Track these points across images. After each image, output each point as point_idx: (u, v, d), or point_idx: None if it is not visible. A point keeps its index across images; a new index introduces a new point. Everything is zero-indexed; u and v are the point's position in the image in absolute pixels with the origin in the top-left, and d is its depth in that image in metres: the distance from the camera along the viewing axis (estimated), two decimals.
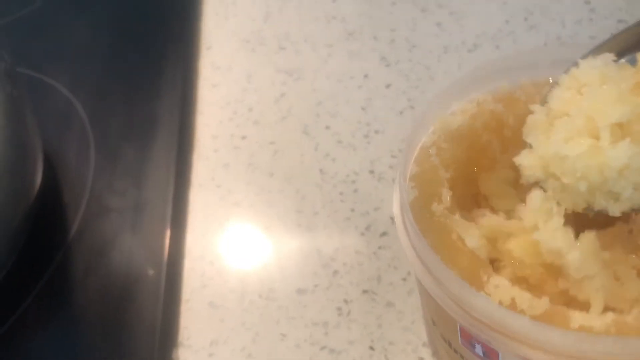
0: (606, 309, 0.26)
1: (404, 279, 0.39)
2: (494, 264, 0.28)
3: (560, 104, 0.27)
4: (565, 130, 0.26)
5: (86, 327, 0.41)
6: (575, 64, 0.27)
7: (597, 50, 0.28)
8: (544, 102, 0.28)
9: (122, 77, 0.51)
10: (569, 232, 0.26)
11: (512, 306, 0.24)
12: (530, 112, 0.28)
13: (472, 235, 0.27)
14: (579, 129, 0.26)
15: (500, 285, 0.25)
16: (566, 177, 0.26)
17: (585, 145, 0.25)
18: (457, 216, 0.27)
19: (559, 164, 0.26)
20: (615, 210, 0.26)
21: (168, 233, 0.43)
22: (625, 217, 0.30)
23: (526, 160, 0.27)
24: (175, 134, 0.48)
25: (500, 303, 0.24)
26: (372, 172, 0.44)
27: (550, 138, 0.27)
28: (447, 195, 0.28)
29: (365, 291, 0.39)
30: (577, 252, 0.26)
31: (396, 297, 0.39)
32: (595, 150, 0.25)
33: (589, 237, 0.26)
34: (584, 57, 0.27)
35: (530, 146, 0.28)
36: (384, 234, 0.41)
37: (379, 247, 0.41)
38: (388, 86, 0.49)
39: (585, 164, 0.25)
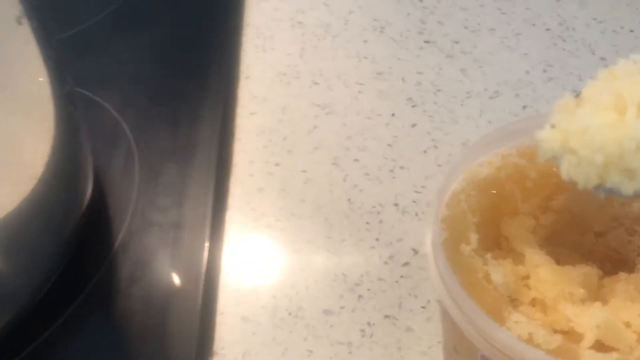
0: (607, 347, 0.29)
1: (424, 307, 0.43)
2: (513, 302, 0.31)
3: (591, 91, 0.28)
4: (592, 105, 0.26)
5: (127, 333, 0.44)
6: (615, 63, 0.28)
7: None
8: (577, 95, 0.29)
9: (167, 102, 0.55)
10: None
11: (529, 340, 0.28)
12: (550, 167, 0.32)
13: (497, 272, 0.31)
14: (606, 104, 0.26)
15: (520, 322, 0.29)
16: (584, 149, 0.26)
17: (610, 117, 0.26)
18: (485, 257, 0.31)
19: (580, 136, 0.26)
20: (628, 189, 0.26)
21: (206, 250, 0.46)
22: (631, 265, 0.34)
23: (546, 134, 0.28)
24: (214, 158, 0.51)
25: (519, 337, 0.28)
26: (396, 205, 0.48)
27: (575, 115, 0.27)
28: (474, 237, 0.32)
29: (387, 316, 0.43)
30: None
31: (415, 323, 0.42)
32: (618, 123, 0.26)
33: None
34: None
35: (554, 126, 0.28)
36: (405, 264, 0.45)
37: (401, 276, 0.44)
38: (413, 126, 0.52)
39: (605, 134, 0.25)
